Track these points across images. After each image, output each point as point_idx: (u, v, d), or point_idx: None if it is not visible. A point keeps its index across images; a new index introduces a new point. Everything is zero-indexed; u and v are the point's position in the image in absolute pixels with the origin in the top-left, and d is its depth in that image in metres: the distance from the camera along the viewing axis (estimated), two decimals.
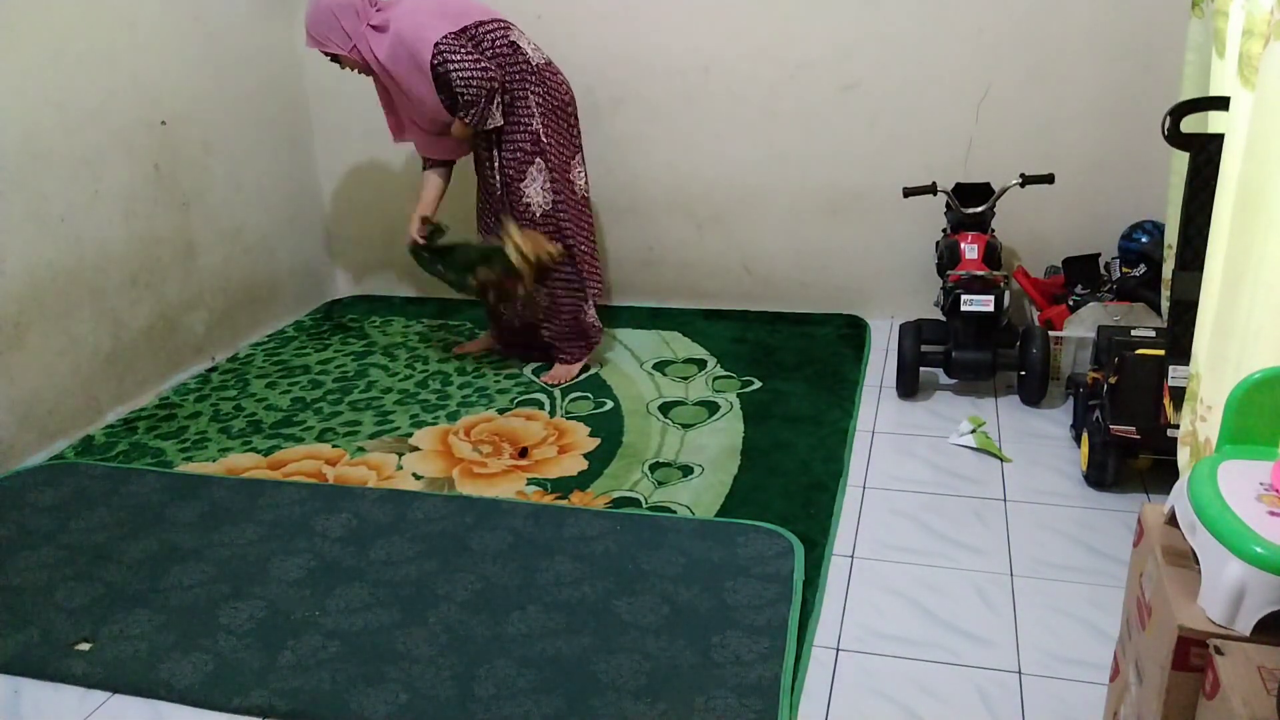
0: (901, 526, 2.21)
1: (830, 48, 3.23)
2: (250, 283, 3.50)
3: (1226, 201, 1.61)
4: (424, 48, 2.71)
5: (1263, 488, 1.18)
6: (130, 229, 2.97)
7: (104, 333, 2.90)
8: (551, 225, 2.90)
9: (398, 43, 2.75)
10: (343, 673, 1.79)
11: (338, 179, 3.84)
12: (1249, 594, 1.08)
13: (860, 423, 2.71)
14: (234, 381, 3.17)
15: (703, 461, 2.51)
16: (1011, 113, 3.16)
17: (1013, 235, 3.23)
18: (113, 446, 2.74)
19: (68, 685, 1.81)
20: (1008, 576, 2.01)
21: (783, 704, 1.66)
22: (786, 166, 3.40)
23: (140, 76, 2.97)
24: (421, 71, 2.74)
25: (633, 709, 1.67)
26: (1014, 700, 1.68)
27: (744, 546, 2.11)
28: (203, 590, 2.05)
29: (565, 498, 2.37)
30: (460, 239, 3.06)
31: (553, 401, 2.92)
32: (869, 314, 3.49)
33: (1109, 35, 3.01)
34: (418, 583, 2.04)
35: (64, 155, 2.73)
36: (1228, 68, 1.73)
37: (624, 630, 1.86)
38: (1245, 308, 1.50)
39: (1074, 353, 2.77)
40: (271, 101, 3.55)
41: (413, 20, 2.76)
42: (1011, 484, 2.37)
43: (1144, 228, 3.03)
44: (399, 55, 2.76)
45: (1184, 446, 1.80)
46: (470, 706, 1.69)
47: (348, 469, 2.57)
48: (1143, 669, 1.25)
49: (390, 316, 3.72)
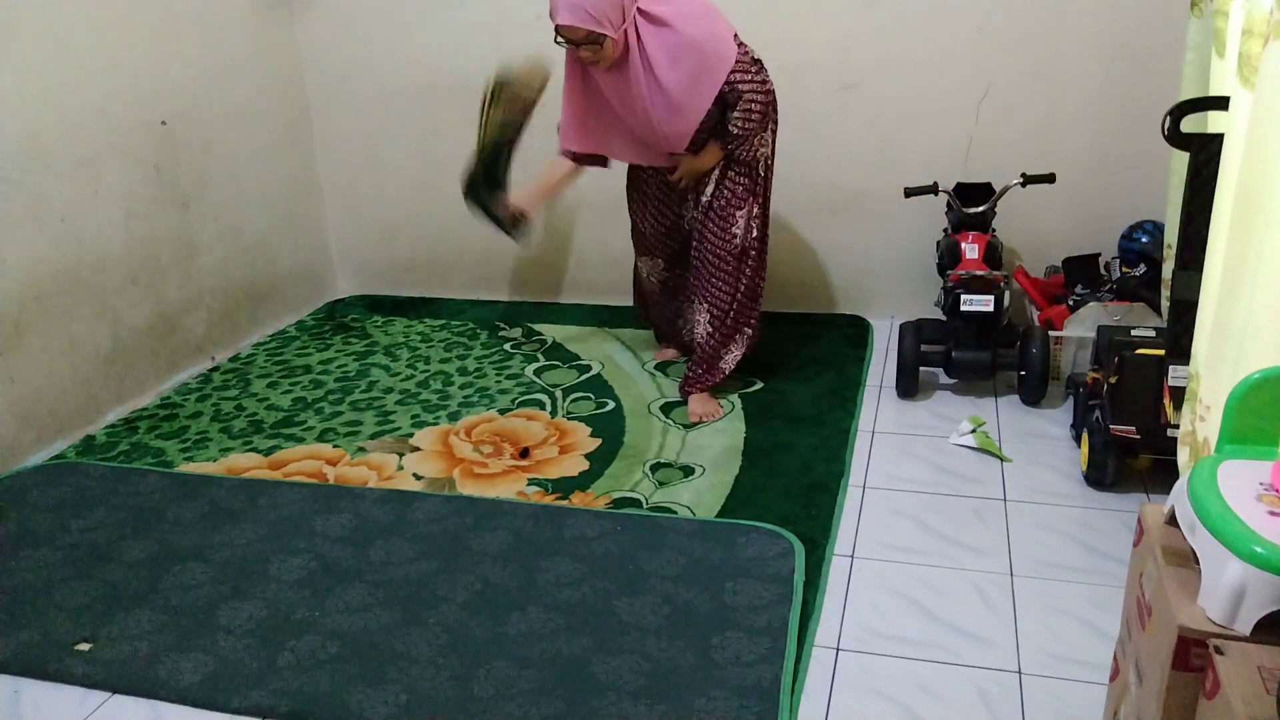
0: (902, 526, 2.20)
1: (830, 48, 3.22)
2: (250, 283, 3.50)
3: (1226, 201, 1.61)
4: (722, 61, 2.47)
5: (1263, 488, 1.18)
6: (130, 229, 2.97)
7: (104, 333, 2.90)
8: (749, 262, 2.73)
9: (686, 45, 2.45)
10: (343, 673, 1.79)
11: (338, 179, 3.84)
12: (1249, 594, 1.08)
13: (860, 423, 2.71)
14: (235, 381, 3.17)
15: (704, 462, 2.51)
16: (1011, 112, 3.16)
17: (1013, 235, 3.23)
18: (113, 446, 2.74)
19: (68, 685, 1.82)
20: (1008, 576, 2.01)
21: (783, 704, 1.66)
22: (786, 166, 3.38)
23: (140, 76, 2.97)
24: (709, 83, 2.48)
25: (633, 710, 1.67)
26: (1014, 700, 1.68)
27: (744, 547, 2.11)
28: (203, 590, 2.05)
29: (566, 498, 2.37)
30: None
31: (554, 402, 2.92)
32: (869, 314, 3.49)
33: (1109, 35, 3.00)
34: (418, 583, 2.04)
35: (64, 155, 2.73)
36: (1227, 67, 1.73)
37: (624, 631, 1.86)
38: (1244, 307, 1.50)
39: (1074, 353, 2.77)
40: (271, 101, 3.54)
41: (708, 24, 2.49)
42: (1011, 484, 2.37)
43: (1144, 228, 3.03)
44: (682, 57, 2.45)
45: (1184, 446, 1.80)
46: (470, 707, 1.69)
47: (348, 469, 2.57)
48: (1143, 669, 1.25)
49: (392, 316, 3.72)
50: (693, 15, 2.48)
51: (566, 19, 2.40)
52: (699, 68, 2.47)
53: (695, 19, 2.48)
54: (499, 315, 3.67)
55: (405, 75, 3.59)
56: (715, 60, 2.48)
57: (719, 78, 2.48)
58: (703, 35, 2.47)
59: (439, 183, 3.72)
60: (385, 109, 3.66)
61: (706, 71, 2.48)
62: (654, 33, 2.45)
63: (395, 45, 3.56)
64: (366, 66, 3.62)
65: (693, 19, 2.47)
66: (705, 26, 2.48)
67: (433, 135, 3.65)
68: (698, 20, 2.48)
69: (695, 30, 2.46)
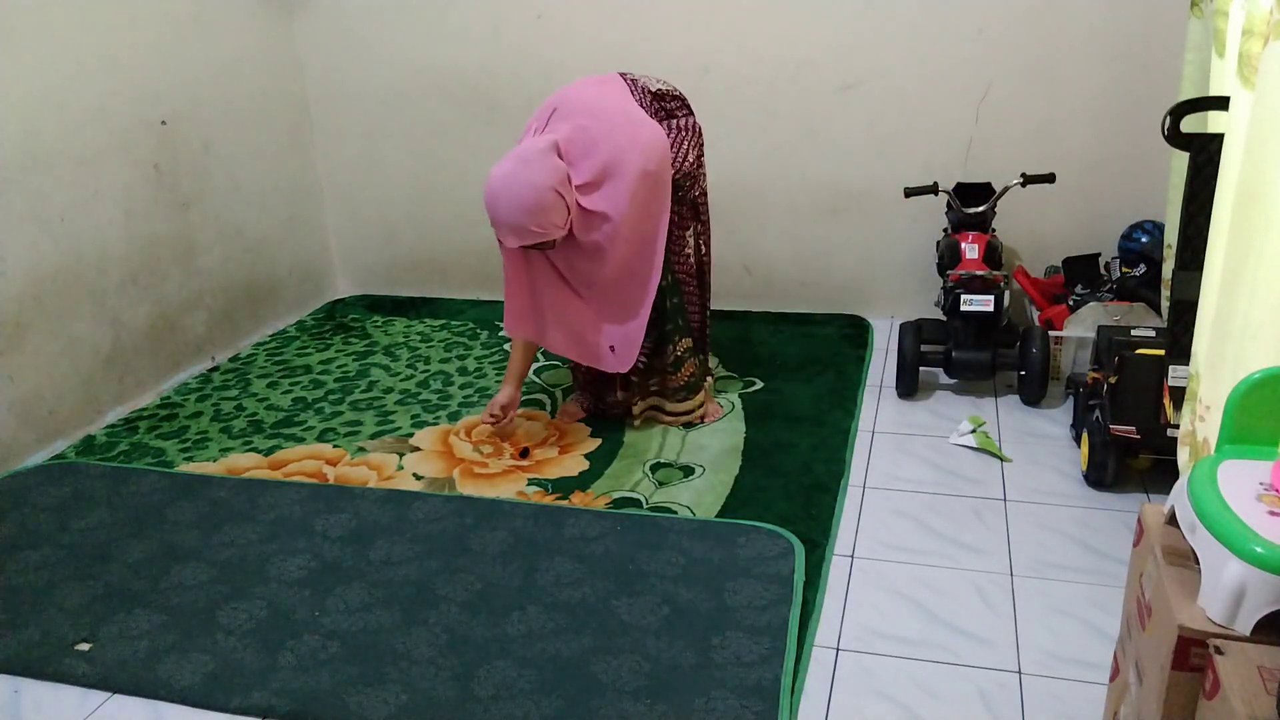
0: (902, 526, 2.20)
1: (830, 48, 3.22)
2: (250, 283, 3.50)
3: (1226, 201, 1.61)
4: (665, 166, 2.38)
5: (1263, 488, 1.18)
6: (130, 229, 2.97)
7: (104, 333, 2.90)
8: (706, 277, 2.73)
9: (637, 181, 2.32)
10: (343, 673, 1.79)
11: (338, 179, 3.84)
12: (1249, 594, 1.08)
13: (860, 423, 2.70)
14: (235, 381, 3.17)
15: (704, 462, 2.51)
16: (1011, 113, 3.16)
17: (1013, 235, 3.23)
18: (113, 446, 2.74)
19: (68, 685, 1.81)
20: (1008, 576, 2.01)
21: (783, 705, 1.66)
22: (786, 166, 3.40)
23: (140, 76, 2.97)
24: (664, 193, 2.40)
25: (632, 710, 1.67)
26: (1014, 700, 1.68)
27: (744, 547, 2.11)
28: (203, 590, 2.05)
29: (566, 498, 2.37)
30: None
31: (554, 402, 2.91)
32: (869, 314, 3.49)
33: (1109, 35, 3.00)
34: (418, 583, 2.04)
35: (64, 155, 2.73)
36: (1227, 67, 1.73)
37: (624, 631, 1.86)
38: (1244, 307, 1.50)
39: (1074, 353, 2.77)
40: (271, 101, 3.55)
41: (630, 142, 2.33)
42: (1011, 484, 2.37)
43: (1144, 228, 3.03)
44: (637, 198, 2.34)
45: (1184, 446, 1.80)
46: (470, 707, 1.69)
47: (348, 469, 2.57)
48: (1143, 669, 1.25)
49: (392, 316, 3.72)
50: (624, 153, 2.32)
51: (514, 243, 2.29)
52: (656, 185, 2.38)
53: (627, 155, 2.32)
54: (499, 315, 3.65)
55: (405, 75, 3.59)
56: (664, 168, 2.39)
57: (666, 180, 2.41)
58: (634, 159, 2.32)
59: (439, 183, 3.73)
60: (385, 109, 3.66)
61: (661, 182, 2.40)
62: (596, 199, 2.32)
63: (395, 45, 3.56)
64: (366, 66, 3.62)
65: (619, 155, 2.32)
66: (638, 153, 2.33)
67: (433, 135, 3.65)
68: (628, 155, 2.32)
69: (625, 161, 2.31)
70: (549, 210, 2.24)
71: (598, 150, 2.32)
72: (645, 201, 2.37)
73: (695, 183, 2.61)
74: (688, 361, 2.65)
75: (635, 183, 2.33)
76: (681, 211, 2.59)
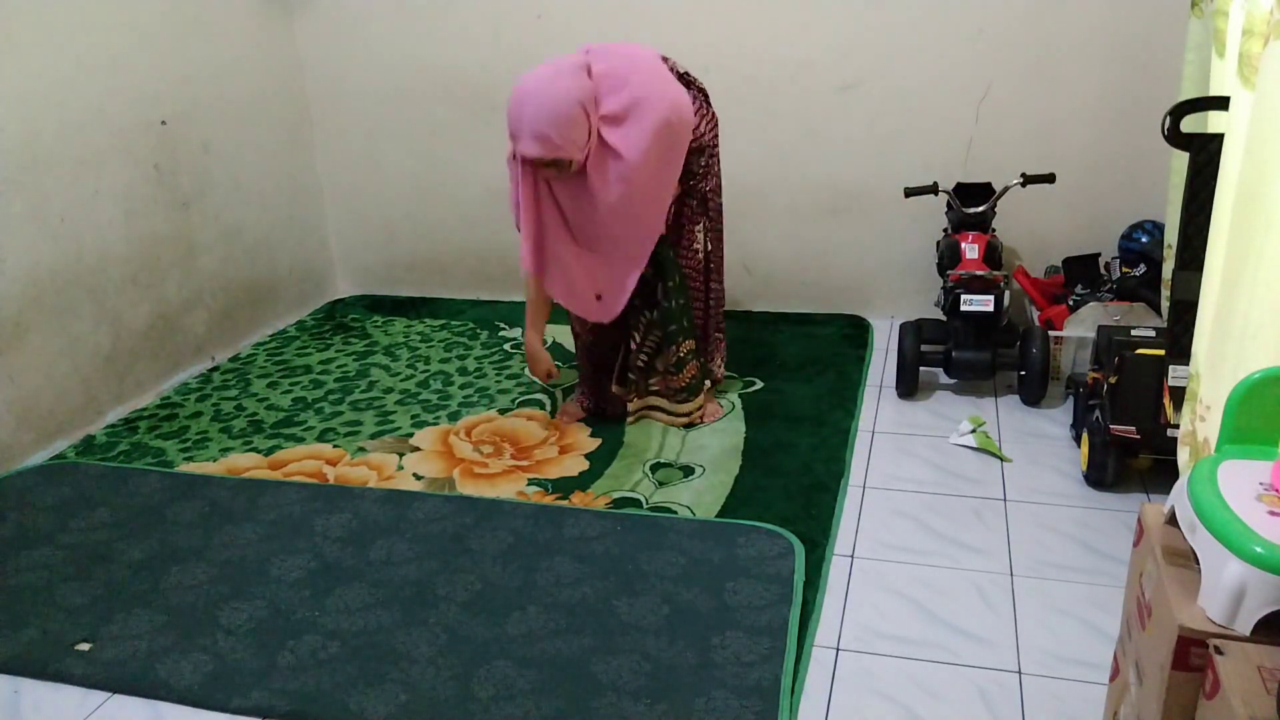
0: (902, 526, 2.20)
1: (830, 48, 3.22)
2: (250, 283, 3.50)
3: (1226, 201, 1.61)
4: (686, 124, 2.39)
5: (1263, 488, 1.18)
6: (130, 229, 2.97)
7: (104, 333, 2.90)
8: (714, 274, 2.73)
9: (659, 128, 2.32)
10: (343, 673, 1.79)
11: (338, 179, 3.84)
12: (1249, 594, 1.08)
13: (860, 423, 2.70)
14: (235, 381, 3.17)
15: (704, 462, 2.51)
16: (1011, 113, 3.16)
17: (1013, 235, 3.23)
18: (113, 446, 2.74)
19: (68, 685, 1.82)
20: (1008, 576, 2.01)
21: (783, 705, 1.66)
22: (786, 166, 3.40)
23: (140, 76, 2.97)
24: (679, 153, 2.41)
25: (632, 710, 1.67)
26: (1014, 700, 1.68)
27: (744, 547, 2.11)
28: (203, 590, 2.05)
29: (566, 498, 2.37)
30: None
31: (554, 401, 2.92)
32: (869, 314, 3.49)
33: (1109, 35, 3.00)
34: (418, 583, 2.04)
35: (64, 155, 2.73)
36: (1227, 67, 1.73)
37: (624, 631, 1.86)
38: (1244, 307, 1.50)
39: (1074, 353, 2.77)
40: (271, 101, 3.55)
41: (661, 91, 2.36)
42: (1011, 484, 2.37)
43: (1144, 228, 3.03)
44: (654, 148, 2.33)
45: (1184, 446, 1.80)
46: (470, 707, 1.69)
47: (348, 469, 2.57)
48: (1143, 669, 1.25)
49: (392, 316, 3.72)
50: (645, 95, 2.33)
51: (533, 151, 2.25)
52: (673, 141, 2.39)
53: (650, 100, 2.33)
54: (499, 315, 3.67)
55: (405, 75, 3.59)
56: (684, 127, 2.40)
57: (683, 140, 2.42)
58: (662, 108, 2.33)
59: (439, 183, 3.73)
60: (385, 109, 3.66)
61: (677, 140, 2.40)
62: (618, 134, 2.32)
63: (395, 45, 3.56)
64: (366, 66, 3.62)
65: (647, 100, 2.32)
66: (658, 96, 2.35)
67: (433, 135, 3.65)
68: (655, 101, 2.33)
69: (655, 111, 2.32)
70: (573, 123, 2.24)
71: (628, 87, 2.33)
72: (660, 154, 2.37)
73: (708, 172, 2.60)
74: (690, 363, 2.66)
75: (656, 130, 2.33)
76: (692, 204, 2.59)
